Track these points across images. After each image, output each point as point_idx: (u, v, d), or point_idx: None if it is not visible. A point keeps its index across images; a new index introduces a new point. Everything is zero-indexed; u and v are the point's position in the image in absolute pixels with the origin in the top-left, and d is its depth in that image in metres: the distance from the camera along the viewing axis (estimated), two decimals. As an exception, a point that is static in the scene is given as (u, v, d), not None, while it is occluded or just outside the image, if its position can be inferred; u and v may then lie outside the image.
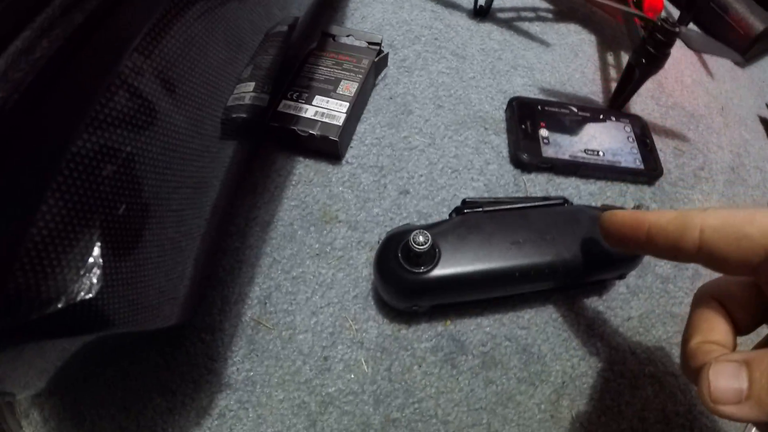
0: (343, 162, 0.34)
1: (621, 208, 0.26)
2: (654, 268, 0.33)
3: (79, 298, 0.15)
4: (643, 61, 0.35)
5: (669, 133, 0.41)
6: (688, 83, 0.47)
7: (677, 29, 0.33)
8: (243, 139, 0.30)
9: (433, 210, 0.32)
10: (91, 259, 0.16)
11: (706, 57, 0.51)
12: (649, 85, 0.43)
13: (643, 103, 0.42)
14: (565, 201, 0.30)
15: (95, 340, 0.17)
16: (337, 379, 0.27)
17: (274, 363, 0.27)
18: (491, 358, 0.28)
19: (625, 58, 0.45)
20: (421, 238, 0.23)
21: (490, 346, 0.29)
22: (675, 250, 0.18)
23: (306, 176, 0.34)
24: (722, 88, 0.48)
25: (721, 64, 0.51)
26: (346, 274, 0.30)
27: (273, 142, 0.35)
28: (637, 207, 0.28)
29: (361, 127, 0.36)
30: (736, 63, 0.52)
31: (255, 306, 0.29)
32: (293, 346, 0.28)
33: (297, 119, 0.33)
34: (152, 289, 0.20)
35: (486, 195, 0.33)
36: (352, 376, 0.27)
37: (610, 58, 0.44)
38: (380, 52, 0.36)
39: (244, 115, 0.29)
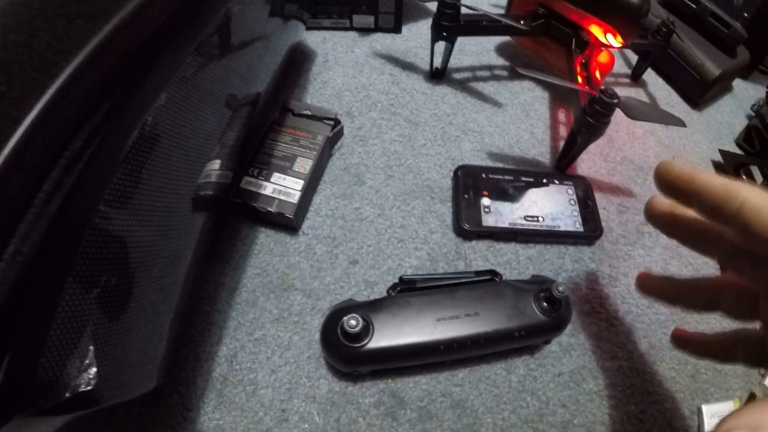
0: (300, 233, 0.42)
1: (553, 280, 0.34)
2: (588, 326, 0.41)
3: (80, 390, 0.24)
4: (583, 129, 0.44)
5: (615, 190, 0.50)
6: (639, 134, 0.55)
7: (615, 101, 0.41)
8: (211, 212, 0.39)
9: (379, 279, 0.41)
10: (87, 360, 0.24)
11: (662, 105, 0.59)
12: (599, 141, 0.52)
13: (591, 160, 0.50)
14: (494, 275, 0.38)
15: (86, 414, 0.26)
16: (293, 429, 0.35)
17: (239, 414, 0.36)
18: (427, 412, 0.37)
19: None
20: (353, 322, 0.31)
21: (426, 402, 0.37)
22: (716, 210, 0.24)
23: (267, 246, 0.42)
24: (675, 135, 0.56)
25: (677, 110, 0.60)
26: (301, 337, 0.38)
27: (238, 213, 0.43)
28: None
29: (317, 198, 0.44)
30: (693, 107, 0.61)
31: (223, 364, 0.38)
32: (256, 399, 0.36)
33: (257, 196, 0.41)
34: (139, 363, 0.29)
35: (428, 264, 0.41)
36: (306, 426, 0.35)
37: (562, 116, 0.53)
38: (335, 126, 0.45)
39: (211, 192, 0.37)
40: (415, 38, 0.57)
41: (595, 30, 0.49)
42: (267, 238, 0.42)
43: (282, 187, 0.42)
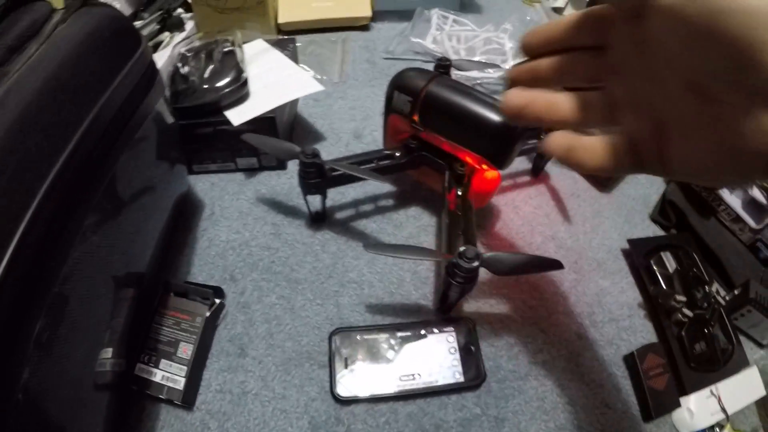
0: (195, 409, 0.50)
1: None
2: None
3: None
4: (452, 288, 0.48)
5: (507, 320, 0.55)
6: (537, 243, 0.60)
7: (475, 264, 0.44)
8: (113, 396, 0.46)
9: None
10: None
11: (568, 194, 0.64)
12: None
13: (479, 294, 0.56)
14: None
15: None
16: None
17: None
18: None
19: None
20: None
21: None
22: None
23: (168, 421, 0.49)
24: (579, 232, 0.61)
25: (586, 197, 0.64)
26: None
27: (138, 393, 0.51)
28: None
29: (206, 374, 0.51)
30: (602, 190, 0.65)
31: None
32: None
33: (149, 383, 0.48)
34: None
35: None
36: None
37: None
38: (212, 305, 0.52)
39: (108, 381, 0.45)
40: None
41: (470, 159, 0.54)
42: (167, 414, 0.50)
43: (169, 374, 0.49)
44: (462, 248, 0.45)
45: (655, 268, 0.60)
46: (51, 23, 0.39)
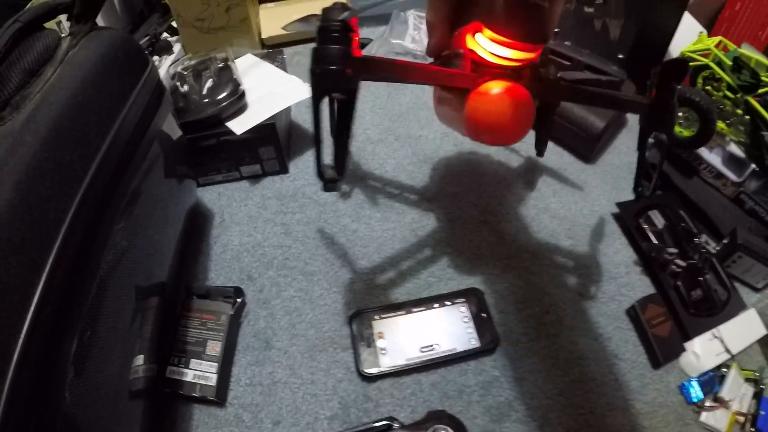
0: (227, 404, 0.52)
1: None
2: (501, 429, 0.50)
3: None
4: None
5: (512, 288, 0.58)
6: (531, 216, 0.64)
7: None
8: (148, 401, 0.48)
9: None
10: None
11: (556, 168, 0.67)
12: (489, 239, 0.61)
13: (483, 264, 0.60)
14: (390, 423, 0.48)
15: None
16: None
17: None
18: None
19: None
20: None
21: None
22: None
23: (202, 420, 0.52)
24: (570, 202, 0.65)
25: (572, 170, 0.68)
26: None
27: (171, 395, 0.54)
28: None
29: (235, 370, 0.53)
30: (587, 162, 0.69)
31: None
32: None
33: (182, 384, 0.51)
34: None
35: (341, 412, 0.50)
36: None
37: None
38: (235, 303, 0.55)
39: (142, 387, 0.47)
40: (302, 175, 0.66)
41: None
42: (200, 413, 0.52)
43: (200, 372, 0.52)
44: None
45: (645, 226, 0.64)
46: (62, 48, 0.42)
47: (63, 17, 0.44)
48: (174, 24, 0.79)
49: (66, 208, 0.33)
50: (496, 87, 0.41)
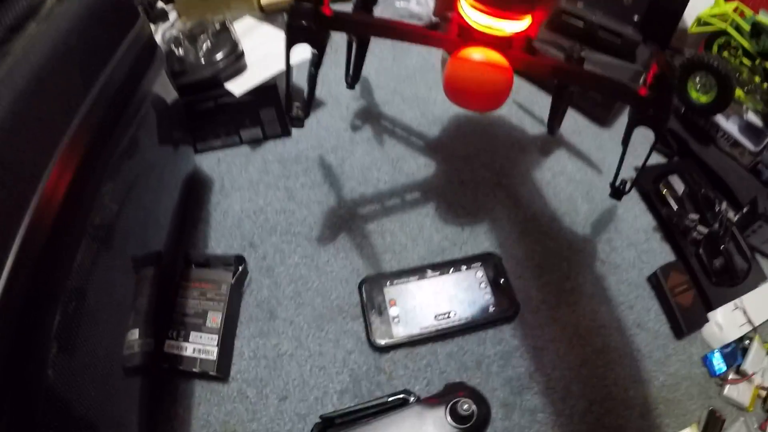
0: (230, 380, 0.48)
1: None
2: (522, 402, 0.48)
3: None
4: None
5: (530, 253, 0.55)
6: (547, 179, 0.61)
7: None
8: (146, 378, 0.45)
9: (309, 410, 0.46)
10: None
11: (571, 132, 0.65)
12: (506, 202, 0.58)
13: (499, 228, 0.56)
14: (407, 395, 0.44)
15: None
16: None
17: None
18: None
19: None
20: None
21: None
22: None
23: (204, 397, 0.49)
24: (586, 166, 0.62)
25: (587, 134, 0.66)
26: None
27: (171, 372, 0.50)
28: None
29: (238, 343, 0.50)
30: (602, 126, 0.67)
31: None
32: None
33: (180, 358, 0.47)
34: None
35: (351, 386, 0.46)
36: None
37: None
38: (236, 271, 0.51)
39: (138, 363, 0.44)
40: (305, 138, 0.63)
41: None
42: (202, 389, 0.48)
43: (200, 345, 0.48)
44: None
45: (664, 191, 0.61)
46: (48, 2, 0.39)
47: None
48: (169, -10, 0.74)
49: (43, 164, 0.30)
50: (473, 53, 0.42)
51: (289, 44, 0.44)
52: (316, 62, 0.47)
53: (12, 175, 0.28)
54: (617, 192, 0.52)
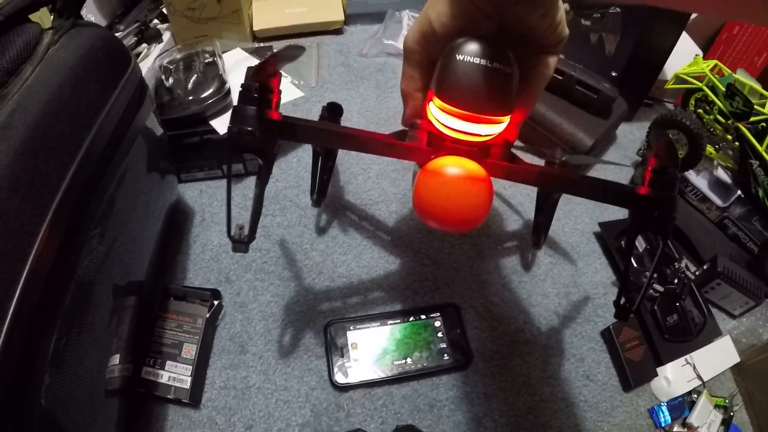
0: (201, 406, 0.52)
1: None
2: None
3: None
4: None
5: (488, 304, 0.59)
6: (514, 229, 0.64)
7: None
8: (123, 400, 0.48)
9: None
10: None
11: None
12: (474, 264, 0.62)
13: (461, 282, 0.60)
14: (358, 436, 0.48)
15: None
16: None
17: None
18: None
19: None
20: None
21: None
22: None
23: (176, 421, 0.52)
24: (553, 218, 0.65)
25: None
26: None
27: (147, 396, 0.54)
28: None
29: (210, 372, 0.53)
30: None
31: None
32: None
33: (156, 385, 0.51)
34: None
35: (312, 420, 0.51)
36: None
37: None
38: (211, 306, 0.55)
39: (117, 387, 0.48)
40: (285, 177, 0.66)
41: None
42: (175, 414, 0.52)
43: (175, 374, 0.52)
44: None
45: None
46: (43, 45, 0.41)
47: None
48: (165, 11, 0.78)
49: (41, 220, 0.33)
50: (445, 165, 0.37)
51: (230, 153, 0.40)
52: (263, 176, 0.40)
53: (13, 230, 0.30)
54: (623, 312, 0.45)
